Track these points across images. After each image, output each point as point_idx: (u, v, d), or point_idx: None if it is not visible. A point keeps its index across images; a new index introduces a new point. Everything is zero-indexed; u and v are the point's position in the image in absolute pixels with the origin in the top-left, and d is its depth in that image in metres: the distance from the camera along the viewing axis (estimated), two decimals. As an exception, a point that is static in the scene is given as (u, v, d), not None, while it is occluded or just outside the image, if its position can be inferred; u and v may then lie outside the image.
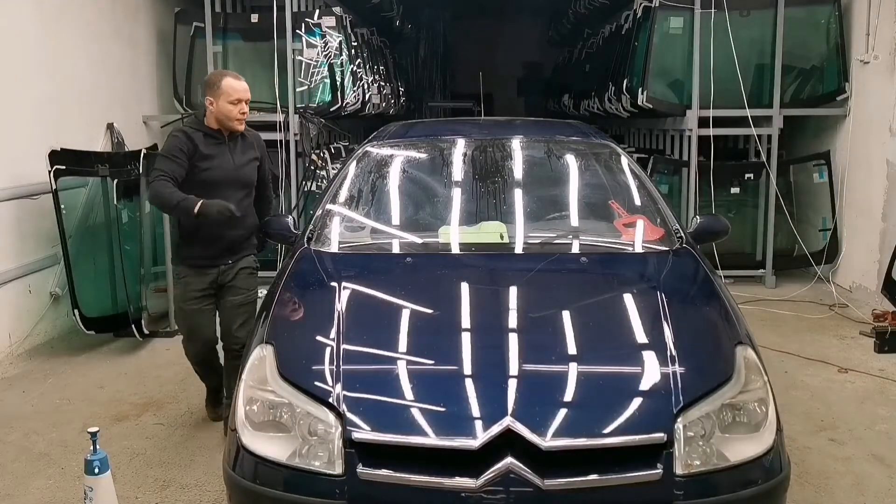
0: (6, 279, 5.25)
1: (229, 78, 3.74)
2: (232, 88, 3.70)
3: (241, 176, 3.83)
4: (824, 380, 4.83)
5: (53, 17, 5.82)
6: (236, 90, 3.71)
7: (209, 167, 3.73)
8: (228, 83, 3.71)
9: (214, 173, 3.74)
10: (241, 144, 3.86)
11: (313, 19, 7.10)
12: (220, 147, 3.77)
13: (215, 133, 3.78)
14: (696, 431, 2.36)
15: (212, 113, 3.74)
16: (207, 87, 3.75)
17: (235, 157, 3.82)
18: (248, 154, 3.89)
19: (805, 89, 7.27)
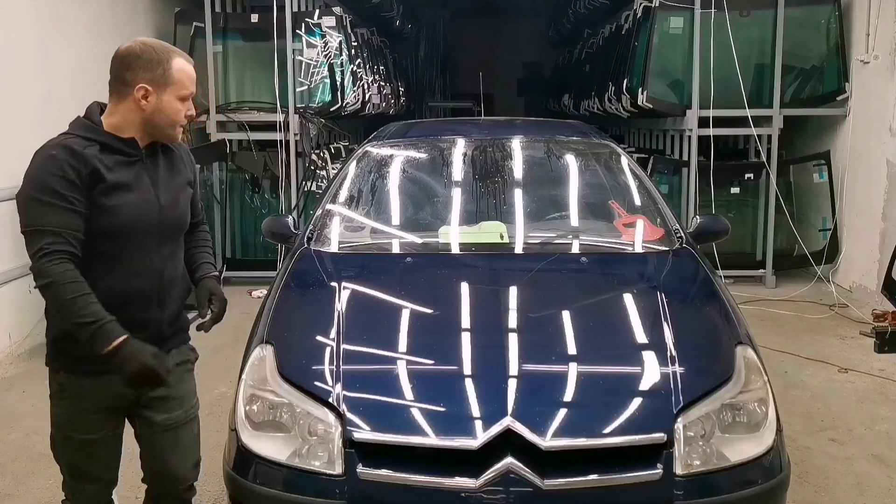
0: (6, 279, 5.25)
1: (180, 58, 2.25)
2: (187, 76, 2.25)
3: (170, 218, 2.30)
4: (824, 380, 4.82)
5: (53, 17, 5.82)
6: (192, 79, 2.27)
7: (117, 206, 2.16)
8: (181, 66, 2.23)
9: (125, 216, 2.17)
10: (164, 163, 2.32)
11: (313, 19, 7.10)
12: (133, 170, 2.21)
13: (126, 146, 2.20)
14: (696, 431, 2.36)
15: (137, 110, 2.19)
16: (140, 66, 2.18)
17: (160, 187, 2.27)
18: (177, 178, 2.36)
19: (805, 89, 7.27)
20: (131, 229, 2.20)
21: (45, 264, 2.07)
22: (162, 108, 2.21)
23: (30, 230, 2.11)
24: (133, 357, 2.09)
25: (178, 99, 2.23)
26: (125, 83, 2.20)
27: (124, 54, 2.20)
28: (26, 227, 2.12)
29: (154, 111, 2.21)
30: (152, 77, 2.19)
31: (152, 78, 2.19)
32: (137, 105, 2.19)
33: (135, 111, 2.21)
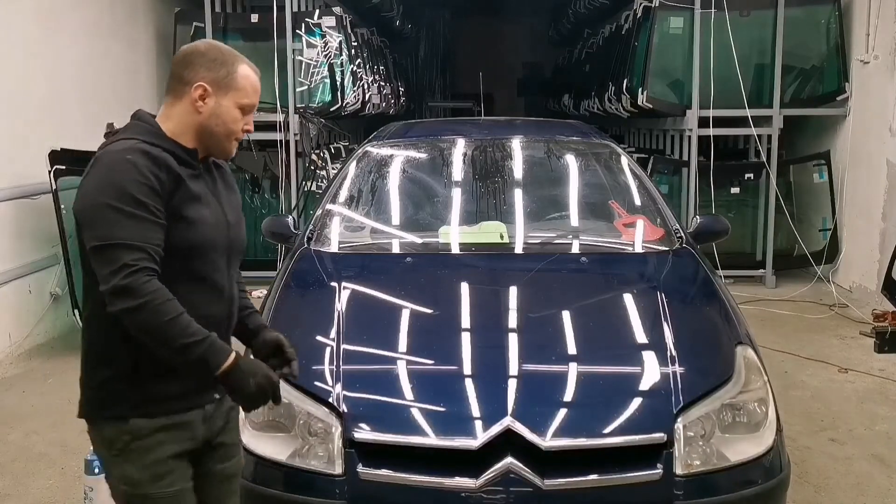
0: (6, 279, 5.25)
1: (246, 66, 2.00)
2: (251, 85, 2.00)
3: (236, 238, 2.08)
4: (824, 380, 4.82)
5: (53, 17, 5.82)
6: (256, 90, 2.02)
7: (197, 219, 1.93)
8: (246, 73, 1.99)
9: (204, 232, 1.95)
10: (220, 180, 2.11)
11: (313, 19, 7.10)
12: (199, 183, 1.99)
13: (190, 156, 1.97)
14: (696, 431, 2.36)
15: (192, 112, 1.94)
16: (203, 64, 1.95)
17: (224, 205, 2.06)
18: (235, 197, 2.16)
19: (805, 89, 7.27)
20: (211, 246, 1.96)
21: (134, 283, 1.74)
22: (220, 114, 1.95)
23: (106, 244, 1.76)
24: (252, 372, 1.85)
25: (237, 107, 1.98)
26: (183, 81, 1.94)
27: (187, 52, 1.98)
28: (102, 241, 1.76)
29: (211, 115, 1.95)
30: (214, 77, 1.95)
31: (214, 79, 1.95)
32: (194, 106, 1.94)
33: (191, 113, 1.95)
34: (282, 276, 3.26)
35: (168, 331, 1.77)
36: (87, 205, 1.80)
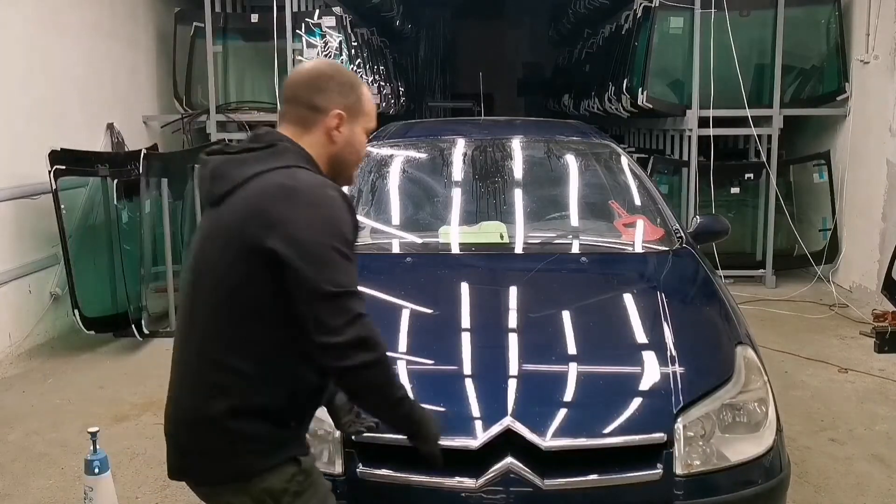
0: (6, 279, 5.25)
1: (366, 87, 1.94)
2: (374, 108, 1.93)
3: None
4: (824, 380, 4.82)
5: (53, 18, 5.82)
6: (374, 111, 1.94)
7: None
8: (369, 95, 1.93)
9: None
10: None
11: (313, 19, 7.10)
12: None
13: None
14: (696, 431, 2.36)
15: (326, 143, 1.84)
16: (335, 89, 1.84)
17: None
18: None
19: (805, 89, 7.27)
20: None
21: (374, 335, 1.68)
22: (353, 142, 1.86)
23: (342, 292, 1.66)
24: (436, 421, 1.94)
25: (365, 133, 1.90)
26: (316, 109, 1.81)
27: (313, 75, 1.84)
28: (339, 288, 1.65)
29: (346, 144, 1.85)
30: (347, 103, 1.83)
31: (346, 105, 1.83)
32: (328, 136, 1.82)
33: (324, 145, 1.83)
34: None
35: (393, 384, 1.76)
36: (312, 244, 1.65)
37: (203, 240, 1.79)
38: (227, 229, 1.71)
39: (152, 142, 6.96)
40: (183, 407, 1.79)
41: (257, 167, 1.72)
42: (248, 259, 1.67)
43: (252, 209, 1.68)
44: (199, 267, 1.78)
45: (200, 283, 1.77)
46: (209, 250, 1.76)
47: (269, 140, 1.79)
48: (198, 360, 1.76)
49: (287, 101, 1.84)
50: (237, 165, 1.75)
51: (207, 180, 1.78)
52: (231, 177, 1.73)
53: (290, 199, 1.67)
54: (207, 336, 1.74)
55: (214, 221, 1.76)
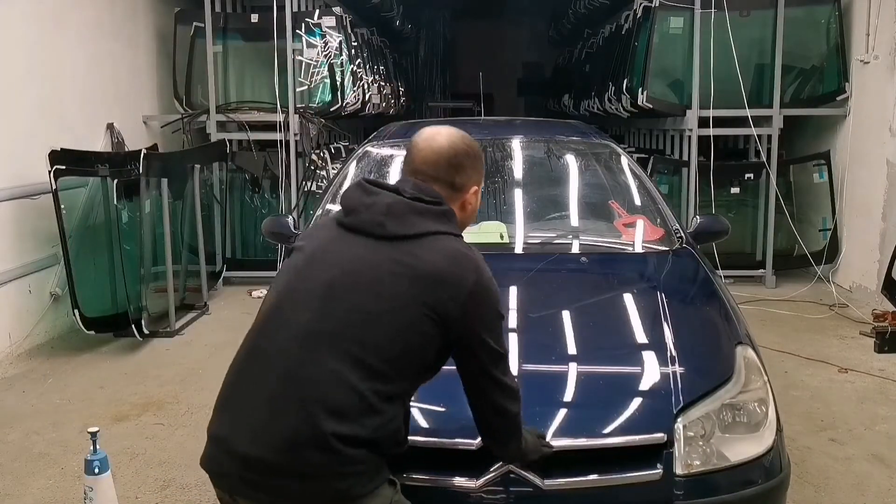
0: (6, 279, 5.25)
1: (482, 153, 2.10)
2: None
3: None
4: (824, 380, 4.82)
5: (53, 17, 5.82)
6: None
7: None
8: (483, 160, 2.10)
9: None
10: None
11: (313, 19, 7.10)
12: None
13: None
14: (696, 431, 2.36)
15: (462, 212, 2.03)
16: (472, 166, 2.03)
17: None
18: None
19: (805, 89, 7.27)
20: None
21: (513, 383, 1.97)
22: (476, 206, 2.07)
23: (504, 353, 1.93)
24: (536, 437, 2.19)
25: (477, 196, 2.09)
26: (457, 188, 1.99)
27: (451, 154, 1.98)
28: (502, 350, 1.92)
29: (473, 210, 2.07)
30: (478, 178, 2.05)
31: (478, 179, 2.05)
32: (462, 205, 2.02)
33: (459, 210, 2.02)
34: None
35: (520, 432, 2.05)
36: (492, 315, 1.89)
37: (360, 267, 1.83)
38: (408, 278, 1.80)
39: (152, 142, 6.96)
40: (276, 427, 1.75)
41: (434, 226, 1.87)
42: (425, 314, 1.79)
43: (441, 273, 1.81)
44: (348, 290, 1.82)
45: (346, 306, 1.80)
46: (371, 282, 1.81)
47: (436, 197, 1.92)
48: (318, 382, 1.75)
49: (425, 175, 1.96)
50: (416, 214, 1.87)
51: (379, 214, 1.85)
52: (411, 223, 1.86)
53: (476, 271, 1.85)
54: (346, 361, 1.76)
55: (384, 257, 1.83)
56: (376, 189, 1.91)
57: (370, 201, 1.88)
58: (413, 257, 1.81)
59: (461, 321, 1.81)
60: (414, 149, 2.01)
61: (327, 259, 1.87)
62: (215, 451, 1.86)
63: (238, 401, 1.85)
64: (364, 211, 1.88)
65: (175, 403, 4.49)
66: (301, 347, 1.79)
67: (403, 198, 1.88)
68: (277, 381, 1.78)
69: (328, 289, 1.82)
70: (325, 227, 1.99)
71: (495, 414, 1.95)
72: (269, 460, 1.74)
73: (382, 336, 1.78)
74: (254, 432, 1.77)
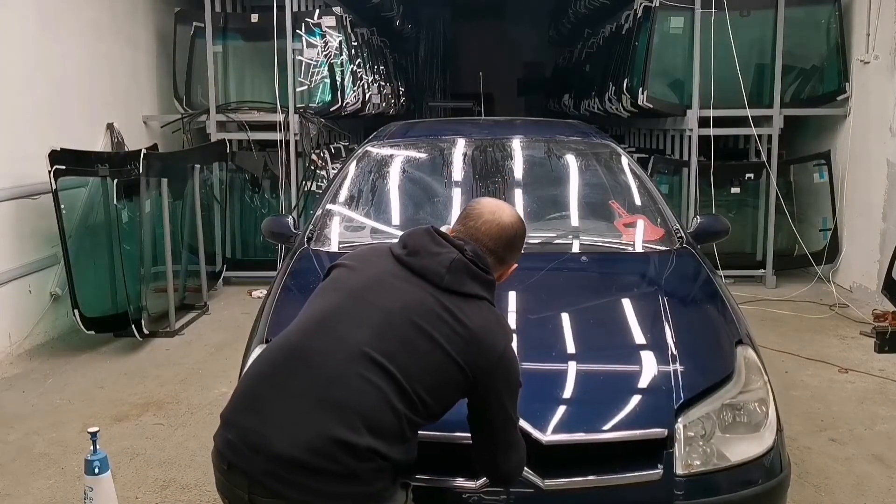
0: (6, 279, 5.25)
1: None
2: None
3: None
4: (824, 380, 4.82)
5: (53, 17, 5.82)
6: None
7: None
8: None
9: None
10: None
11: (313, 19, 7.10)
12: None
13: None
14: (697, 431, 2.36)
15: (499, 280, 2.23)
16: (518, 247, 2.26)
17: None
18: None
19: (805, 89, 7.27)
20: None
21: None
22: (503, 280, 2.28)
23: (515, 421, 2.09)
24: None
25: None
26: (504, 262, 2.22)
27: (512, 236, 2.20)
28: (515, 417, 2.08)
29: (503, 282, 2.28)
30: (519, 257, 2.28)
31: (519, 258, 2.28)
32: (501, 275, 2.23)
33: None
34: (281, 276, 3.25)
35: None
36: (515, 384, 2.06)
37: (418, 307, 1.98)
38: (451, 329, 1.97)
39: (152, 142, 6.96)
40: (313, 430, 1.84)
41: (481, 291, 2.06)
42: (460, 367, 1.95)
43: (479, 337, 1.98)
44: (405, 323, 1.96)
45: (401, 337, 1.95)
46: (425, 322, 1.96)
47: (487, 267, 2.11)
48: (363, 395, 1.87)
49: (484, 246, 2.13)
50: (470, 277, 2.06)
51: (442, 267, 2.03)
52: (465, 283, 2.04)
53: (506, 343, 2.03)
54: (391, 385, 1.89)
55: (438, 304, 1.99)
56: (444, 241, 2.09)
57: (436, 251, 2.06)
58: (461, 312, 1.99)
59: (487, 382, 1.97)
60: (478, 216, 2.18)
61: (388, 290, 2.02)
62: (240, 445, 1.88)
63: (272, 399, 1.90)
64: (429, 258, 2.05)
65: (175, 403, 4.49)
66: (351, 362, 1.90)
67: (465, 258, 2.06)
68: (321, 388, 1.88)
69: (388, 315, 1.97)
70: (383, 258, 2.13)
71: (493, 467, 2.10)
72: (303, 460, 1.81)
73: (424, 371, 1.93)
74: (289, 432, 1.84)
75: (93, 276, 5.59)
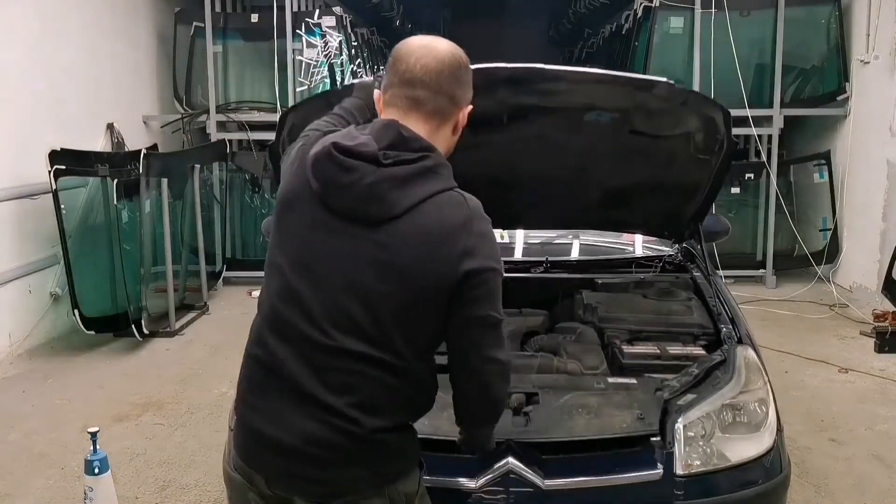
0: (6, 279, 5.25)
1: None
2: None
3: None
4: (824, 380, 4.82)
5: (53, 17, 5.82)
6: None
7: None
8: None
9: None
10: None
11: (313, 19, 7.10)
12: None
13: None
14: (697, 431, 2.36)
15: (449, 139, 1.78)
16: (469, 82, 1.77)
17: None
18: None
19: (805, 89, 7.27)
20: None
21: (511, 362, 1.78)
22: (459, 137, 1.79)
23: (501, 321, 1.71)
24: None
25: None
26: (455, 101, 1.72)
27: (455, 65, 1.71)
28: (503, 317, 1.71)
29: (456, 140, 1.79)
30: (471, 96, 1.77)
31: (471, 98, 1.77)
32: (453, 132, 1.76)
33: (448, 138, 1.76)
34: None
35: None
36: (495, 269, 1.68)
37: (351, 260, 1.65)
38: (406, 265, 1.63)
39: (152, 142, 6.96)
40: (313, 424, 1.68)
41: (420, 191, 1.64)
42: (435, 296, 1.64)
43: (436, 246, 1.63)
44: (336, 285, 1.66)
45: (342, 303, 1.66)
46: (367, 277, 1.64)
47: (419, 148, 1.66)
48: (337, 377, 1.67)
49: (424, 88, 1.68)
50: (398, 186, 1.63)
51: (358, 197, 1.64)
52: (394, 202, 1.63)
53: (469, 232, 1.65)
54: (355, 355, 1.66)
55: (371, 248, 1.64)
56: (352, 162, 1.64)
57: (346, 181, 1.64)
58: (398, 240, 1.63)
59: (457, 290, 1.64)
60: (409, 57, 1.69)
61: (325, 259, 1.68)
62: (252, 444, 1.77)
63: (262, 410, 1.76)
64: (341, 194, 1.65)
65: (175, 403, 4.49)
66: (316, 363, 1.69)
67: (382, 166, 1.63)
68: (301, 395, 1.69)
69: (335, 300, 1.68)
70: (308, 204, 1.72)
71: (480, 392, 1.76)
72: (309, 456, 1.69)
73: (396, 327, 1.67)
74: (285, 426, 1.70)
75: (93, 276, 5.59)
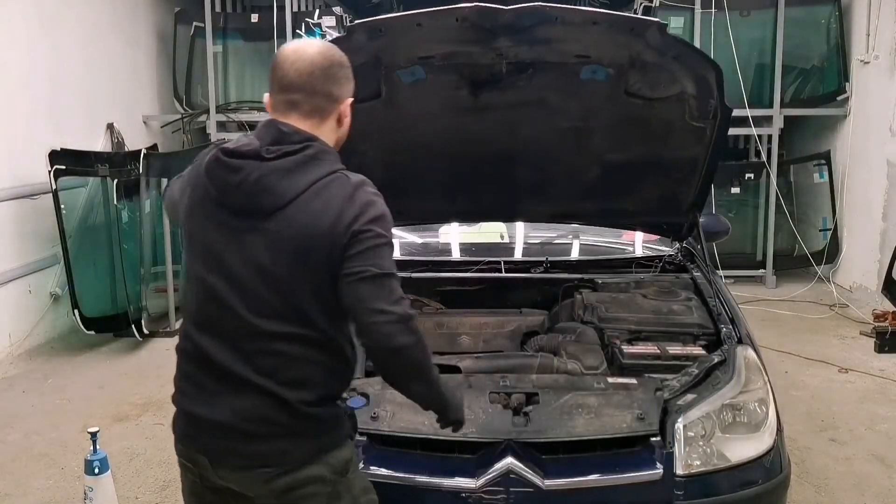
0: (6, 279, 5.25)
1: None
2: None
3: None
4: (824, 380, 4.82)
5: (53, 17, 5.82)
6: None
7: None
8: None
9: None
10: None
11: (313, 19, 7.09)
12: None
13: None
14: (697, 431, 2.36)
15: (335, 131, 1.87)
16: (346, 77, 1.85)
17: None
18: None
19: (805, 89, 7.27)
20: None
21: (415, 316, 1.77)
22: (350, 120, 1.88)
23: (391, 274, 1.74)
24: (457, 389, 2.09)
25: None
26: (332, 99, 1.81)
27: (326, 65, 1.80)
28: (389, 271, 1.74)
29: (346, 130, 1.88)
30: (351, 88, 1.85)
31: (351, 89, 1.85)
32: (338, 124, 1.85)
33: (334, 130, 1.85)
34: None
35: (431, 364, 1.83)
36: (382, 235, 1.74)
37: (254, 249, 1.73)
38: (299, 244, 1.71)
39: (152, 142, 6.96)
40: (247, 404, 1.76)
41: (305, 178, 1.73)
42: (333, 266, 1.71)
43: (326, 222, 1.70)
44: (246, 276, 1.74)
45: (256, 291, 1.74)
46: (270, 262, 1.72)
47: (300, 140, 1.75)
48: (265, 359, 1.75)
49: (299, 91, 1.78)
50: (284, 176, 1.72)
51: (248, 193, 1.73)
52: (282, 192, 1.72)
53: (354, 202, 1.72)
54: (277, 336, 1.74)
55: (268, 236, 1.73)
56: (238, 162, 1.74)
57: (234, 180, 1.74)
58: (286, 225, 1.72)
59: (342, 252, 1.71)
60: (284, 63, 1.78)
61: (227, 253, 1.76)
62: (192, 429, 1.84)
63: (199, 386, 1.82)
64: (235, 192, 1.75)
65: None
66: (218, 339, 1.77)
67: (264, 160, 1.72)
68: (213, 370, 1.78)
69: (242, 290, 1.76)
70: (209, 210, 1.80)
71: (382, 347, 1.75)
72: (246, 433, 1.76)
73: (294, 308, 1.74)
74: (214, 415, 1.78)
75: (93, 276, 5.59)
